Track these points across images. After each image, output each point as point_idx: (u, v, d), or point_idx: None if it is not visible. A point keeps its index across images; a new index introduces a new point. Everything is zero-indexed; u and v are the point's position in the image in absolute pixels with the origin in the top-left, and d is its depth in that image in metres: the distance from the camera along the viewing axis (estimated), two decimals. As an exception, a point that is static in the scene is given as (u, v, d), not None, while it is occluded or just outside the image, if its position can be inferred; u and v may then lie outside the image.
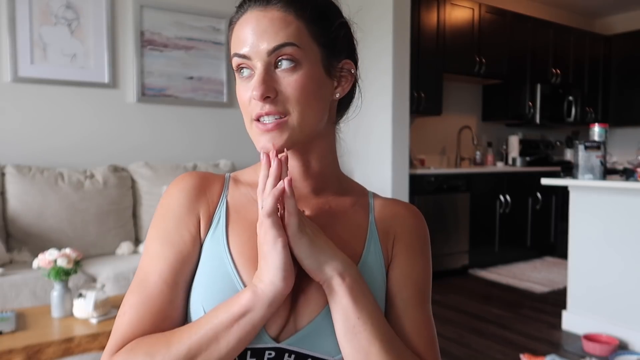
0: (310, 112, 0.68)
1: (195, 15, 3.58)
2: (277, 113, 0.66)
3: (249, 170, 0.79)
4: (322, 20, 0.69)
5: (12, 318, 1.84)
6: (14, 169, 2.80)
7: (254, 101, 0.66)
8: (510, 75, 4.97)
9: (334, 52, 0.71)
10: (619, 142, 5.56)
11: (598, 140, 2.81)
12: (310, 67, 0.67)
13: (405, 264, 0.75)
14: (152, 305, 0.67)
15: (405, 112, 3.78)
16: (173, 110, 3.55)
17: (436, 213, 4.16)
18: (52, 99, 3.13)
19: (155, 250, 0.70)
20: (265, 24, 0.65)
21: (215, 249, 0.69)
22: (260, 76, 0.65)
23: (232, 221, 0.72)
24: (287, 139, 0.67)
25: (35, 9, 3.03)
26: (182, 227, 0.70)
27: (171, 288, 0.68)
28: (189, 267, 0.69)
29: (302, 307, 0.68)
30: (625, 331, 2.75)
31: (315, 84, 0.68)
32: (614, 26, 5.97)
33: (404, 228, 0.76)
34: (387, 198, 0.81)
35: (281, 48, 0.65)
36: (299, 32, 0.66)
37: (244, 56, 0.67)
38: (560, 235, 4.91)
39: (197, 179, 0.74)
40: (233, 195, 0.75)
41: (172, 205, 0.72)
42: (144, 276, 0.69)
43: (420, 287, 0.75)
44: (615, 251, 2.81)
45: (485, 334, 2.97)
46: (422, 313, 0.74)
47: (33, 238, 2.74)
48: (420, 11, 4.22)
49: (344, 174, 0.81)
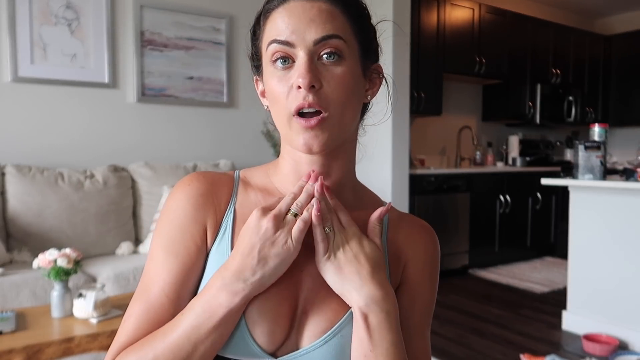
0: (349, 111, 0.66)
1: (195, 15, 3.58)
2: (319, 106, 0.63)
3: (260, 172, 0.75)
4: (362, 20, 0.69)
5: (12, 318, 1.84)
6: (14, 169, 2.80)
7: (295, 92, 0.63)
8: (510, 75, 4.97)
9: (369, 53, 0.70)
10: (619, 142, 5.56)
11: (598, 140, 2.81)
12: (352, 62, 0.66)
13: (414, 291, 0.73)
14: (151, 317, 0.66)
15: (405, 112, 3.78)
16: (173, 110, 3.55)
17: (436, 213, 4.16)
18: (52, 99, 3.13)
19: (159, 258, 0.68)
20: (314, 13, 0.63)
21: (220, 261, 0.66)
22: (307, 64, 0.62)
23: (238, 232, 0.68)
24: (327, 138, 0.64)
25: (35, 9, 3.03)
26: (187, 237, 0.68)
27: (172, 301, 0.66)
28: (193, 278, 0.68)
29: (308, 325, 0.66)
30: (625, 331, 2.75)
31: (355, 81, 0.66)
32: (614, 26, 5.97)
33: (416, 252, 0.74)
34: (403, 214, 0.78)
35: (329, 39, 0.63)
36: (344, 26, 0.65)
37: (287, 43, 0.63)
38: (560, 235, 4.91)
39: (205, 184, 0.70)
40: (242, 202, 0.71)
41: (178, 213, 0.69)
42: (148, 284, 0.68)
43: (425, 313, 0.74)
44: (615, 251, 2.81)
45: (485, 334, 2.97)
46: (423, 341, 0.74)
47: (33, 238, 2.74)
48: (420, 11, 4.22)
49: (359, 183, 0.77)
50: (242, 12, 3.73)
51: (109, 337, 1.78)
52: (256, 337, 0.63)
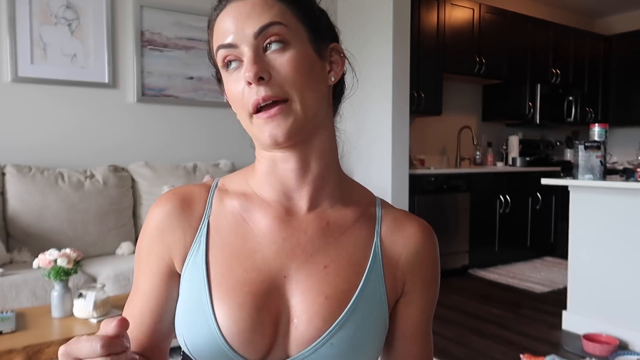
0: (310, 93, 0.63)
1: (195, 15, 3.58)
2: (276, 97, 0.61)
3: (238, 177, 0.73)
4: (302, 3, 0.66)
5: (12, 318, 1.84)
6: (14, 169, 2.80)
7: (247, 90, 0.62)
8: (510, 75, 4.97)
9: (320, 34, 0.67)
10: (619, 142, 5.56)
11: (598, 140, 2.80)
12: (300, 46, 0.63)
13: (420, 300, 0.72)
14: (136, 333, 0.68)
15: (405, 112, 3.78)
16: (173, 110, 3.55)
17: (436, 213, 4.16)
18: (52, 99, 3.13)
19: (136, 277, 0.71)
20: (248, 9, 0.62)
21: (195, 278, 0.66)
22: (250, 58, 0.61)
23: (213, 247, 0.67)
24: (292, 125, 0.62)
25: (35, 9, 3.03)
26: (152, 260, 0.69)
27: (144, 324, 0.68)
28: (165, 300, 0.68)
29: (296, 333, 0.64)
30: (625, 331, 2.75)
31: (308, 63, 0.64)
32: (614, 26, 5.96)
33: (420, 259, 0.71)
34: (398, 211, 0.74)
35: (268, 28, 0.61)
36: (283, 12, 0.63)
37: (230, 45, 0.63)
38: (560, 235, 4.91)
39: (172, 203, 0.69)
40: (217, 213, 0.69)
41: (146, 233, 0.70)
42: (130, 300, 0.71)
43: (429, 317, 0.74)
44: (615, 251, 2.81)
45: (485, 334, 2.97)
46: (429, 343, 0.74)
47: (33, 238, 2.74)
48: (420, 11, 4.21)
49: (346, 176, 0.74)
50: (242, 12, 3.72)
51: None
52: (236, 347, 0.62)
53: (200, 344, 0.63)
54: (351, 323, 0.64)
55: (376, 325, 0.67)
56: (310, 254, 0.67)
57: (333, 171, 0.70)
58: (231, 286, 0.64)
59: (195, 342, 0.64)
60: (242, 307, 0.63)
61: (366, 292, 0.66)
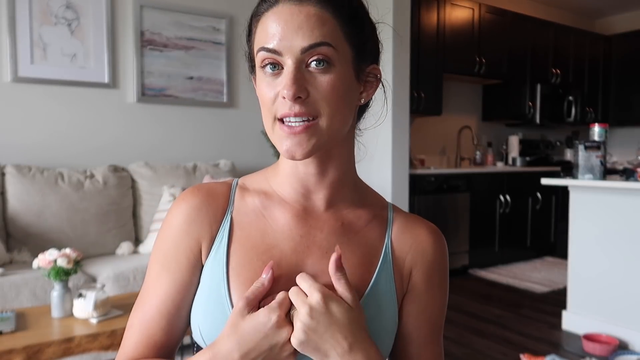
0: (339, 116, 0.64)
1: (195, 15, 3.58)
2: (306, 115, 0.62)
3: (259, 177, 0.75)
4: (356, 21, 0.66)
5: (12, 318, 1.84)
6: (14, 169, 2.80)
7: (281, 100, 0.62)
8: (510, 75, 4.97)
9: (364, 55, 0.68)
10: (619, 142, 5.56)
11: (598, 140, 2.81)
12: (342, 69, 0.64)
13: (424, 299, 0.72)
14: (146, 333, 0.69)
15: (406, 112, 3.78)
16: (173, 110, 3.55)
17: (436, 213, 4.16)
18: (52, 99, 3.13)
19: (155, 273, 0.70)
20: (301, 19, 0.61)
21: (216, 270, 0.68)
22: (292, 74, 0.61)
23: (234, 240, 0.69)
24: (314, 144, 0.63)
25: (35, 9, 3.03)
26: (180, 253, 0.69)
27: (166, 318, 0.69)
28: (188, 294, 0.69)
29: None
30: (625, 331, 2.75)
31: (345, 86, 0.64)
32: (614, 26, 5.96)
33: (425, 257, 0.72)
34: (408, 215, 0.76)
35: (316, 47, 0.61)
36: (334, 31, 0.63)
37: (274, 51, 0.62)
38: (560, 235, 4.91)
39: (199, 197, 0.71)
40: (239, 209, 0.71)
41: (172, 229, 0.70)
42: (144, 297, 0.70)
43: (436, 322, 0.74)
44: (615, 251, 2.81)
45: (485, 334, 2.97)
46: (436, 347, 0.74)
47: (33, 238, 2.74)
48: (420, 11, 4.22)
49: (361, 182, 0.76)
50: (242, 12, 3.72)
51: (108, 337, 1.78)
52: None
53: (215, 332, 0.64)
54: None
55: (386, 323, 0.69)
56: (326, 251, 0.69)
57: (349, 177, 0.73)
58: (250, 277, 0.66)
59: (212, 332, 0.65)
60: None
61: (377, 290, 0.69)
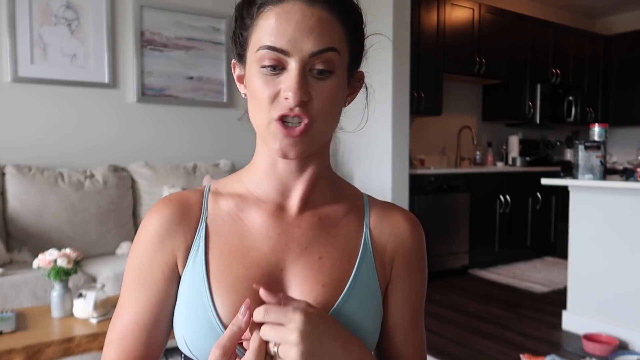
0: (333, 120, 0.66)
1: (195, 15, 3.58)
2: (305, 117, 0.62)
3: (232, 180, 0.75)
4: (357, 30, 0.67)
5: (12, 318, 1.84)
6: (14, 169, 2.80)
7: (282, 100, 0.61)
8: (510, 75, 4.97)
9: (357, 62, 0.69)
10: (619, 142, 5.56)
11: (598, 140, 2.81)
12: (340, 74, 0.64)
13: (407, 286, 0.74)
14: (127, 348, 0.68)
15: (405, 112, 3.78)
16: (173, 110, 3.55)
17: (436, 213, 4.16)
18: (52, 99, 3.13)
19: (130, 288, 0.69)
20: (313, 22, 0.60)
21: (195, 279, 0.67)
22: (298, 78, 0.60)
23: (212, 246, 0.68)
24: (308, 146, 0.64)
25: (35, 9, 3.03)
26: (154, 267, 0.68)
27: (145, 332, 0.68)
28: (165, 307, 0.69)
29: None
30: (625, 331, 2.75)
31: (341, 92, 0.65)
32: (614, 26, 5.96)
33: (404, 245, 0.74)
34: (384, 203, 0.77)
35: (325, 52, 0.61)
36: (341, 37, 0.63)
37: (282, 51, 0.60)
38: (560, 235, 4.91)
39: (171, 209, 0.69)
40: (213, 215, 0.70)
41: (145, 242, 0.69)
42: (122, 311, 0.69)
43: (419, 307, 0.76)
44: (615, 251, 2.81)
45: (485, 334, 2.97)
46: (420, 331, 0.76)
47: (33, 238, 2.74)
48: (420, 11, 4.21)
49: (336, 175, 0.77)
50: (242, 12, 3.72)
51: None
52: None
53: (202, 341, 0.64)
54: (347, 308, 0.67)
55: (371, 311, 0.69)
56: (305, 247, 0.69)
57: (326, 171, 0.73)
58: (231, 283, 0.66)
59: (197, 340, 0.65)
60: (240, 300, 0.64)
61: (359, 280, 0.69)
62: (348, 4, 0.65)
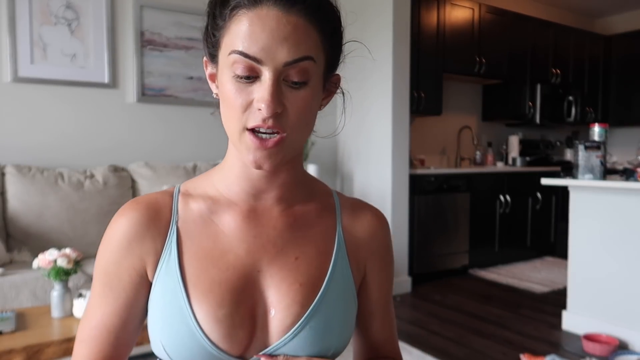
0: (307, 130, 0.65)
1: (195, 15, 3.58)
2: (278, 129, 0.60)
3: (203, 180, 0.73)
4: (335, 35, 0.65)
5: (12, 318, 1.84)
6: (14, 169, 2.80)
7: (255, 111, 0.60)
8: (510, 75, 4.97)
9: (333, 67, 0.67)
10: (619, 142, 5.56)
11: (598, 140, 2.81)
12: (315, 82, 0.62)
13: (379, 278, 0.77)
14: (96, 349, 0.68)
15: (405, 112, 3.78)
16: (173, 110, 3.55)
17: (436, 213, 4.16)
18: (52, 99, 3.13)
19: (98, 291, 0.69)
20: (289, 30, 0.58)
21: (170, 283, 0.66)
22: (272, 89, 0.58)
23: (185, 250, 0.67)
24: (282, 157, 0.63)
25: (35, 9, 3.03)
26: (122, 272, 0.67)
27: (113, 334, 0.68)
28: (133, 310, 0.68)
29: (274, 323, 0.67)
30: (625, 331, 2.75)
31: (316, 100, 0.64)
32: (614, 26, 5.96)
33: (375, 240, 0.76)
34: (353, 200, 0.79)
35: (300, 62, 0.59)
36: (316, 45, 0.61)
37: (254, 59, 0.58)
38: (560, 235, 4.90)
39: (139, 212, 0.68)
40: (184, 217, 0.69)
41: (112, 246, 0.68)
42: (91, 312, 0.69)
43: (389, 293, 0.80)
44: (615, 251, 2.81)
45: (485, 334, 2.97)
46: (391, 315, 0.81)
47: (33, 238, 2.74)
48: (420, 11, 4.21)
49: (307, 174, 0.76)
50: (242, 12, 3.72)
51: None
52: (217, 343, 0.64)
53: (180, 346, 0.64)
54: (325, 306, 0.68)
55: (347, 305, 0.71)
56: (281, 248, 0.70)
57: (299, 172, 0.73)
58: (208, 287, 0.66)
59: (175, 345, 0.65)
60: (221, 305, 0.65)
61: (335, 277, 0.71)
62: (326, 10, 0.63)
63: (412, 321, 3.20)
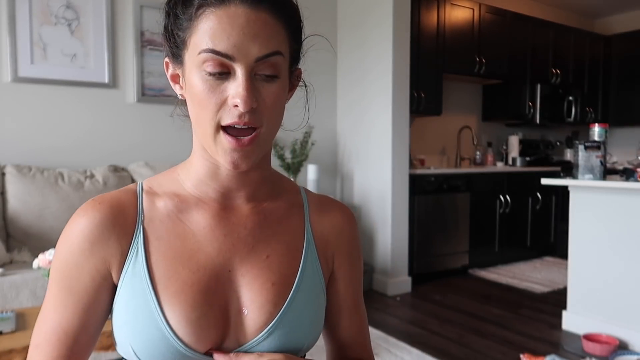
0: (278, 123, 0.66)
1: (195, 15, 3.58)
2: (253, 124, 0.61)
3: (167, 178, 0.72)
4: (299, 31, 0.67)
5: (12, 318, 1.84)
6: (14, 169, 2.80)
7: (229, 108, 0.60)
8: (510, 75, 4.97)
9: (296, 61, 0.69)
10: (619, 142, 5.56)
11: (598, 140, 2.81)
12: (284, 75, 0.64)
13: (348, 275, 0.77)
14: (54, 354, 0.65)
15: (405, 112, 3.78)
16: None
17: (436, 213, 4.16)
18: (52, 99, 3.13)
19: (55, 294, 0.67)
20: (258, 27, 0.59)
21: (138, 285, 0.64)
22: (247, 84, 0.59)
23: (153, 251, 0.66)
24: (258, 155, 0.64)
25: (35, 9, 3.03)
26: (83, 274, 0.65)
27: (72, 338, 0.65)
28: (94, 313, 0.66)
29: (247, 322, 0.66)
30: (625, 331, 2.75)
31: (284, 94, 0.65)
32: (614, 26, 5.97)
33: (343, 237, 0.77)
34: (320, 196, 0.80)
35: (270, 57, 0.60)
36: (284, 40, 0.63)
37: (227, 56, 0.59)
38: (560, 235, 4.91)
39: (102, 213, 0.65)
40: (151, 217, 0.68)
41: (72, 247, 0.65)
42: (48, 315, 0.67)
43: (359, 290, 0.80)
44: (615, 251, 2.81)
45: (485, 334, 2.97)
46: (362, 312, 0.80)
47: (33, 238, 2.74)
48: (420, 11, 4.21)
49: (274, 171, 0.77)
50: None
51: (108, 337, 1.76)
52: (189, 344, 0.63)
53: (151, 348, 0.63)
54: (297, 303, 0.69)
55: (318, 302, 0.72)
56: (252, 247, 0.69)
57: (266, 170, 0.73)
58: (179, 288, 0.64)
59: (146, 347, 0.63)
60: (193, 307, 0.64)
61: (306, 274, 0.71)
62: (290, 7, 0.65)
63: (412, 321, 3.20)
